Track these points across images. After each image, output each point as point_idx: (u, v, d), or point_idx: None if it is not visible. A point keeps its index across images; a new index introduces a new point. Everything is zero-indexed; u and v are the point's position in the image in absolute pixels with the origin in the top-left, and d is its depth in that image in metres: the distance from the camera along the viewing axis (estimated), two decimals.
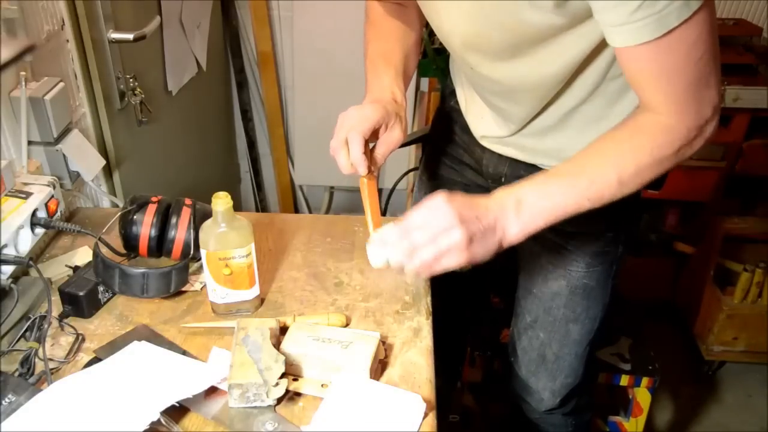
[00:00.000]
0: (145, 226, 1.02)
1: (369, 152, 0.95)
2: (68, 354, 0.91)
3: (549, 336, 1.22)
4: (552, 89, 0.95)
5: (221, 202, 0.90)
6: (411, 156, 2.29)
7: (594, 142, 0.86)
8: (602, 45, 0.89)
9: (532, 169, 1.10)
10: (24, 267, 1.02)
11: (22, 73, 1.10)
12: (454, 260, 0.80)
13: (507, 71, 0.95)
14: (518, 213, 0.82)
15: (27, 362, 0.86)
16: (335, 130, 0.95)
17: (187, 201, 1.05)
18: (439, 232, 0.79)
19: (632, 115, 0.85)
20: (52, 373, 0.85)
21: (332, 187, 2.58)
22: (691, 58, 0.77)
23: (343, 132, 0.93)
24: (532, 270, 1.19)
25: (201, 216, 1.02)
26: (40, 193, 1.07)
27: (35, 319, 0.91)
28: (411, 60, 1.08)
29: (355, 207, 2.64)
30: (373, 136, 0.95)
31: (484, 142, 1.13)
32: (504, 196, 0.83)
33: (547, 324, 1.21)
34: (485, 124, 1.10)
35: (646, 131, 0.82)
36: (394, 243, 0.82)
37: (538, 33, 0.85)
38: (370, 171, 0.95)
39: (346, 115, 0.95)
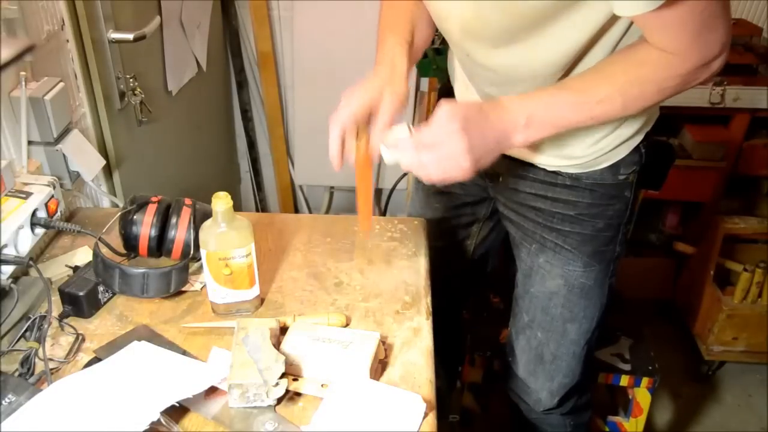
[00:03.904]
0: (145, 226, 1.02)
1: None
2: (68, 354, 0.91)
3: (546, 336, 1.22)
4: (547, 80, 0.95)
5: (221, 202, 0.90)
6: None
7: (604, 65, 0.90)
8: (597, 37, 0.89)
9: (529, 167, 1.10)
10: (24, 267, 1.02)
11: (22, 73, 1.10)
12: (458, 176, 0.88)
13: (503, 59, 0.95)
14: (527, 128, 0.89)
15: (27, 362, 0.86)
16: (331, 121, 0.95)
17: (187, 201, 1.05)
18: (447, 158, 0.86)
19: (641, 45, 0.87)
20: (52, 373, 0.85)
21: (332, 187, 2.58)
22: (695, 13, 0.79)
23: (337, 127, 0.95)
24: (530, 269, 1.19)
25: (201, 216, 1.02)
26: (40, 193, 1.07)
27: (35, 319, 0.91)
28: (422, 35, 1.07)
29: (355, 207, 2.64)
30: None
31: None
32: (517, 112, 0.88)
33: (545, 323, 1.21)
34: None
35: (653, 64, 0.86)
36: (406, 153, 0.89)
37: (535, 15, 0.85)
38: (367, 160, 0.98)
39: (339, 107, 0.96)
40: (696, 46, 0.83)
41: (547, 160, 1.07)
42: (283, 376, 0.82)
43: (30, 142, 1.15)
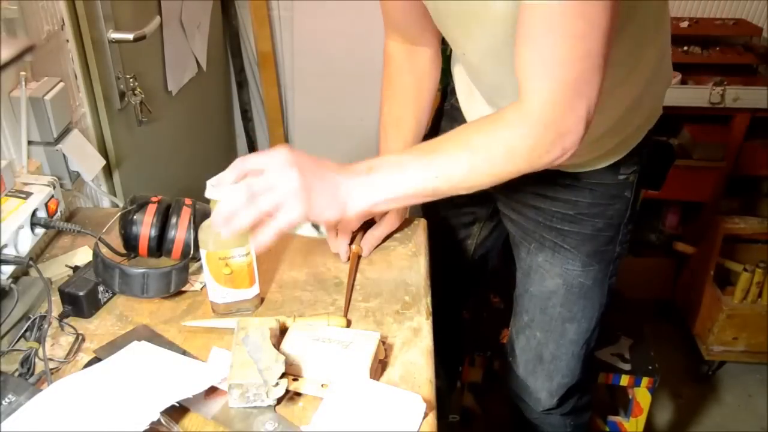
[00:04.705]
0: (145, 226, 1.02)
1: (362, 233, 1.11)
2: (68, 354, 0.91)
3: (545, 335, 1.22)
4: None
5: None
6: None
7: (460, 129, 0.87)
8: None
9: None
10: (24, 267, 1.02)
11: (22, 73, 1.10)
12: (294, 210, 0.80)
13: (491, 64, 0.95)
14: (368, 179, 0.84)
15: (27, 362, 0.86)
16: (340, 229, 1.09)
17: (187, 201, 1.05)
18: (277, 179, 0.80)
19: (504, 108, 0.83)
20: (52, 373, 0.85)
21: None
22: (585, 48, 0.74)
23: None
24: (529, 268, 1.20)
25: (201, 216, 1.02)
26: (40, 193, 1.07)
27: (35, 319, 0.91)
28: (423, 123, 1.14)
29: None
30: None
31: None
32: (357, 164, 0.85)
33: (544, 323, 1.21)
34: None
35: (508, 120, 0.81)
36: (235, 193, 0.83)
37: (504, 17, 0.83)
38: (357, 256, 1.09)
39: None
40: (563, 97, 0.77)
41: None
42: (283, 376, 0.82)
43: (30, 142, 1.15)
